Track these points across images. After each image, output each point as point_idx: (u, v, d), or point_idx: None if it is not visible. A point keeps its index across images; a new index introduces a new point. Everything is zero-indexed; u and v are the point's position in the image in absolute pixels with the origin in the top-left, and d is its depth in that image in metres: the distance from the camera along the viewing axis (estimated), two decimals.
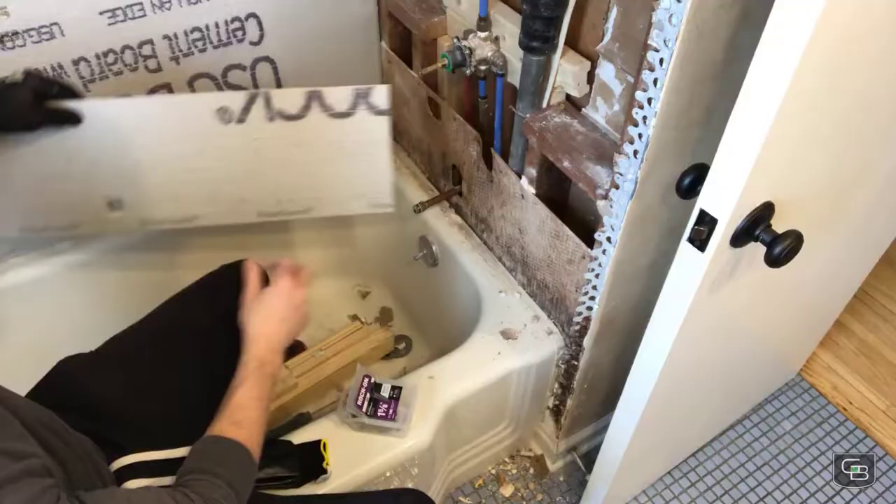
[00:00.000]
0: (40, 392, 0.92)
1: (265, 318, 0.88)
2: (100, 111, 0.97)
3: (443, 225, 1.44)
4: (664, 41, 0.73)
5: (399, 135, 1.60)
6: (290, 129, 0.90)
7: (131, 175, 1.03)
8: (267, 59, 1.35)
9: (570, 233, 1.08)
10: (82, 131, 0.98)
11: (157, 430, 0.92)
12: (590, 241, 1.03)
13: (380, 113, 0.87)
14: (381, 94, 0.87)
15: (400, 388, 1.13)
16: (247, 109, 0.89)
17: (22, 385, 0.85)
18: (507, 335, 1.25)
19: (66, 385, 0.94)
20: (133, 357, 1.00)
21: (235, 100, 0.88)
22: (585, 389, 1.30)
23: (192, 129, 0.93)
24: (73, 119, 1.00)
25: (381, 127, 0.89)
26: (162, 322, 1.06)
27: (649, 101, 0.79)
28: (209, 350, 1.01)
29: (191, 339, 1.03)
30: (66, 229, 1.11)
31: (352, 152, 0.94)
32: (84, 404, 0.91)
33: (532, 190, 1.14)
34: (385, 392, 1.12)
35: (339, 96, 0.86)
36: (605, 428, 1.19)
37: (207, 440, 0.79)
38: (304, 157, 0.96)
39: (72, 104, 0.94)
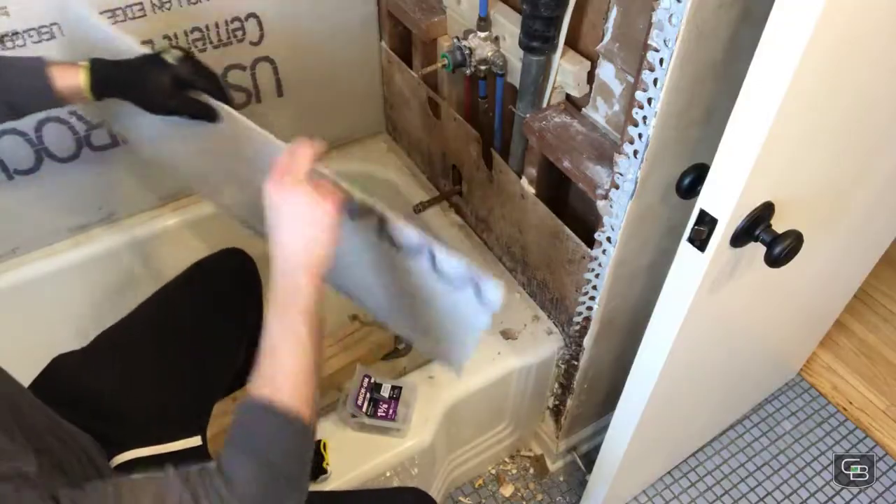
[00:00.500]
0: (35, 391, 0.92)
1: (281, 228, 0.68)
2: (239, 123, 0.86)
3: (443, 225, 1.44)
4: (664, 41, 0.73)
5: (399, 135, 1.60)
6: (394, 254, 0.78)
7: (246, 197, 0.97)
8: (267, 59, 1.35)
9: (570, 233, 1.08)
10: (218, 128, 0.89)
11: (154, 424, 0.91)
12: (590, 241, 1.03)
13: (485, 305, 0.74)
14: (493, 291, 0.72)
15: (400, 388, 1.13)
16: (361, 214, 0.78)
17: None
18: (507, 335, 1.25)
19: (61, 382, 0.94)
20: (126, 349, 0.99)
21: (279, 147, 0.77)
22: (585, 389, 1.30)
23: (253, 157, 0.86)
24: (210, 116, 0.87)
25: (483, 321, 0.76)
26: (154, 311, 1.04)
27: (649, 101, 0.79)
28: (203, 338, 1.00)
29: (184, 327, 1.02)
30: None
31: (446, 319, 0.82)
32: (79, 400, 0.90)
33: (532, 190, 1.14)
34: (385, 392, 1.12)
35: (451, 266, 0.73)
36: (605, 428, 1.19)
37: (238, 408, 0.64)
38: (398, 283, 0.84)
39: (213, 102, 0.83)
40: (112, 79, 0.88)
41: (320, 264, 0.68)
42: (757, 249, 0.77)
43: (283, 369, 0.63)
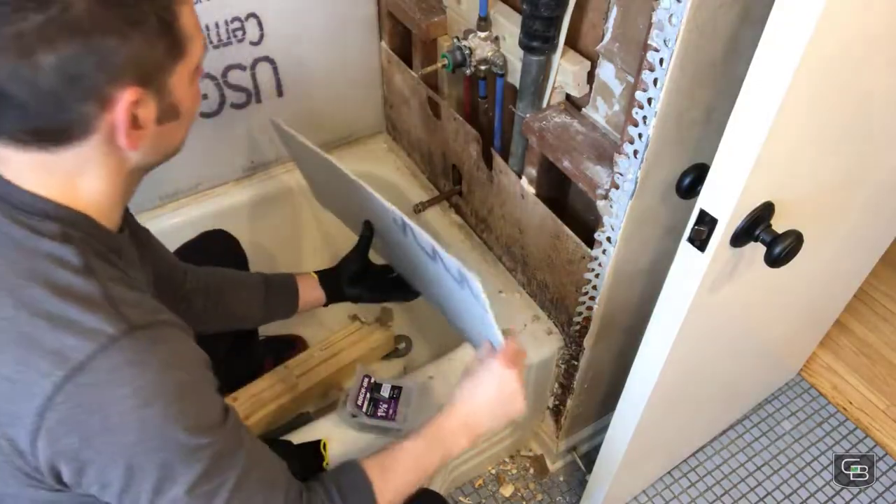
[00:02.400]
0: None
1: (471, 394, 0.83)
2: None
3: (443, 225, 1.44)
4: (664, 41, 0.73)
5: (399, 135, 1.61)
6: (432, 263, 0.93)
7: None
8: (267, 59, 1.35)
9: (570, 233, 1.08)
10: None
11: None
12: (590, 241, 1.03)
13: (476, 297, 0.84)
14: (475, 287, 0.82)
15: (400, 388, 1.13)
16: (405, 232, 0.95)
17: None
18: (506, 335, 1.24)
19: None
20: None
21: (398, 218, 0.93)
22: (585, 389, 1.30)
23: (389, 225, 1.02)
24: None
25: (487, 319, 0.86)
26: None
27: (649, 101, 0.79)
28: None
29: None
30: None
31: (475, 320, 0.94)
32: None
33: (532, 190, 1.14)
34: (385, 392, 1.12)
35: (452, 266, 0.85)
36: (605, 428, 1.19)
37: (348, 466, 0.77)
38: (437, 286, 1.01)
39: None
40: (336, 292, 1.13)
41: (482, 435, 0.83)
42: (757, 249, 0.77)
43: (397, 476, 0.77)
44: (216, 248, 1.10)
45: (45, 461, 0.58)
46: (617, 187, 0.91)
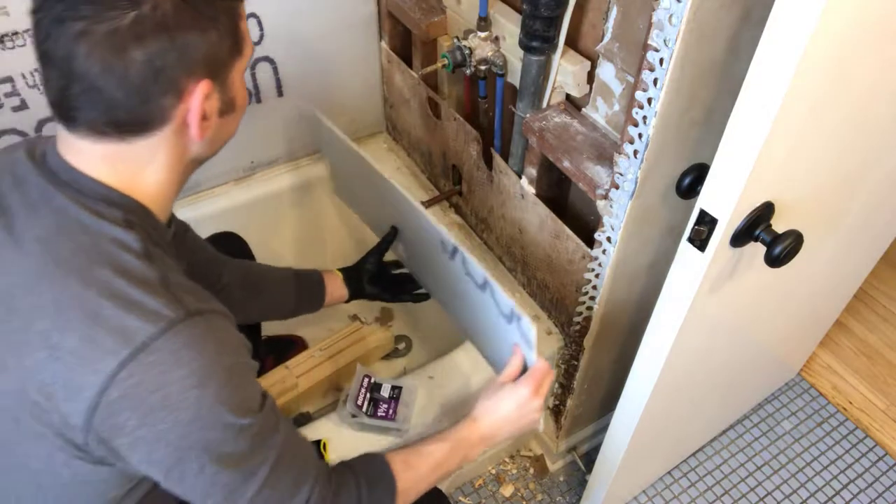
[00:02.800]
0: None
1: (494, 409, 0.89)
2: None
3: (443, 225, 1.44)
4: (664, 41, 0.73)
5: (399, 134, 1.61)
6: (479, 293, 1.01)
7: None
8: (267, 59, 1.35)
9: (570, 233, 1.08)
10: None
11: None
12: (590, 241, 1.03)
13: (527, 343, 0.91)
14: (527, 329, 0.89)
15: (400, 388, 1.13)
16: (452, 256, 1.04)
17: None
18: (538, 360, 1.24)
19: None
20: None
21: (448, 242, 1.03)
22: (585, 389, 1.30)
23: (432, 246, 1.10)
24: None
25: (530, 357, 0.92)
26: None
27: (649, 101, 0.79)
28: None
29: None
30: None
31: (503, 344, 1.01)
32: None
33: (532, 190, 1.14)
34: (385, 392, 1.12)
35: (504, 302, 0.93)
36: (605, 428, 1.19)
37: (374, 457, 0.80)
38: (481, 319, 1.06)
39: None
40: (358, 289, 1.21)
41: (503, 440, 0.90)
42: (757, 249, 0.77)
43: (418, 475, 0.81)
44: (226, 250, 1.11)
45: (97, 435, 0.60)
46: (617, 187, 0.91)
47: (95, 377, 0.58)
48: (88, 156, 0.63)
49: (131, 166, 0.64)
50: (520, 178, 1.16)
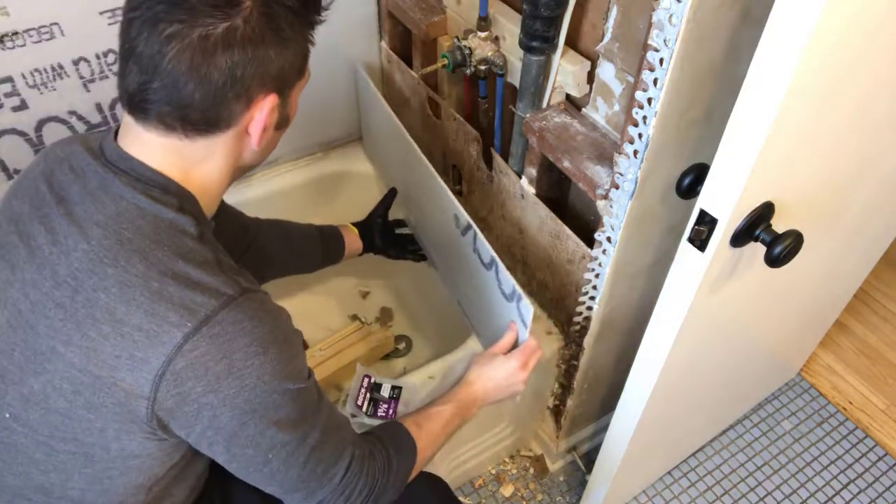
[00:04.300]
0: None
1: (487, 377, 0.98)
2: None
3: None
4: (664, 41, 0.73)
5: None
6: (483, 271, 1.08)
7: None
8: None
9: (570, 233, 1.08)
10: None
11: None
12: (590, 241, 1.03)
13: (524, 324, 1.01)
14: (527, 309, 0.98)
15: (400, 388, 1.13)
16: (464, 232, 1.10)
17: None
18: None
19: None
20: None
21: (462, 217, 1.08)
22: (585, 389, 1.30)
23: (444, 218, 1.17)
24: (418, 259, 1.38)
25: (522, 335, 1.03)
26: None
27: (649, 100, 0.79)
28: None
29: None
30: None
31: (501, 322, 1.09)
32: None
33: (532, 190, 1.14)
34: (385, 392, 1.12)
35: (507, 281, 1.01)
36: (605, 428, 1.19)
37: (392, 423, 0.87)
38: (481, 293, 1.14)
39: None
40: (370, 243, 1.31)
41: (491, 403, 1.00)
42: (757, 249, 0.77)
43: (430, 434, 0.89)
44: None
45: (162, 405, 0.64)
46: (617, 187, 0.91)
47: (162, 349, 0.62)
48: (151, 147, 0.67)
49: (189, 162, 0.69)
50: (520, 178, 1.16)
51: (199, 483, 0.83)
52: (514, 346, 1.03)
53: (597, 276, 1.05)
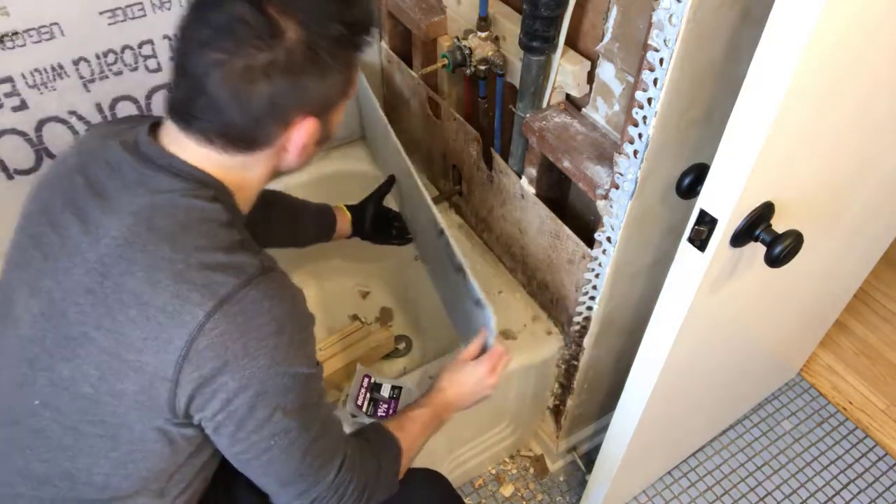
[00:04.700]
0: None
1: (458, 383, 0.99)
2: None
3: (443, 225, 1.44)
4: (664, 41, 0.73)
5: (399, 135, 1.60)
6: (455, 275, 1.11)
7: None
8: None
9: (570, 233, 1.08)
10: None
11: None
12: (590, 241, 1.03)
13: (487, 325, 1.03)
14: (489, 317, 1.01)
15: (400, 388, 1.13)
16: (439, 235, 1.13)
17: None
18: (506, 335, 1.25)
19: None
20: None
21: (438, 221, 1.11)
22: (585, 389, 1.30)
23: (425, 221, 1.20)
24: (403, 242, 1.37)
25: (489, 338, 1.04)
26: None
27: (649, 100, 0.79)
28: None
29: None
30: None
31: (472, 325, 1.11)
32: None
33: (532, 190, 1.14)
34: (385, 392, 1.12)
35: (473, 289, 1.03)
36: (605, 428, 1.19)
37: (376, 426, 0.89)
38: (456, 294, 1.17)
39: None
40: (359, 228, 1.30)
41: (462, 409, 0.99)
42: (757, 249, 0.77)
43: (411, 436, 0.89)
44: None
45: (184, 388, 0.66)
46: (617, 187, 0.91)
47: (185, 328, 0.64)
48: (191, 152, 0.70)
49: (226, 168, 0.72)
50: (520, 178, 1.16)
51: (210, 475, 0.84)
52: (483, 352, 1.04)
53: (597, 276, 1.05)
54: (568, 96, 1.05)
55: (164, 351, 0.65)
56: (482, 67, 1.11)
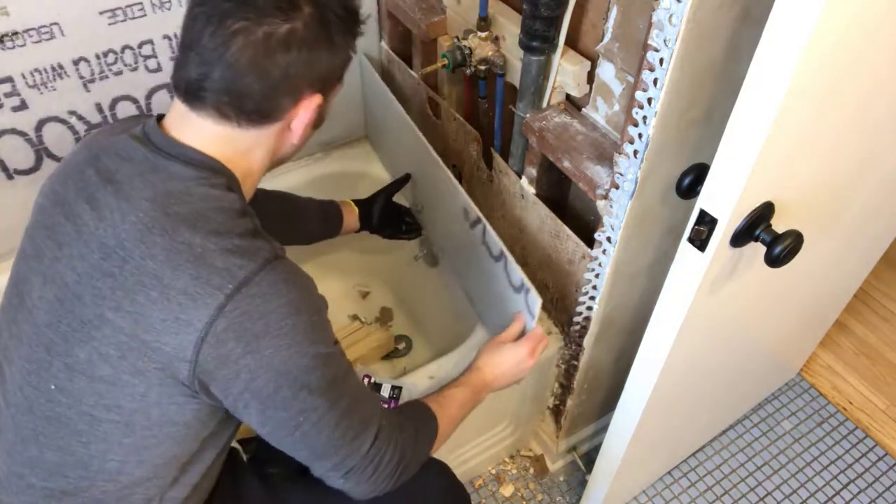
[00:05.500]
0: None
1: (496, 364, 1.01)
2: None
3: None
4: (664, 41, 0.73)
5: None
6: (492, 263, 1.13)
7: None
8: None
9: (570, 233, 1.08)
10: None
11: None
12: (590, 241, 1.03)
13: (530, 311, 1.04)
14: (533, 301, 1.01)
15: (400, 388, 1.13)
16: (472, 225, 1.15)
17: None
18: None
19: None
20: None
21: (471, 211, 1.14)
22: (585, 389, 1.30)
23: (454, 211, 1.21)
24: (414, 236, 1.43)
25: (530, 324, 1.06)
26: None
27: (649, 100, 0.79)
28: None
29: None
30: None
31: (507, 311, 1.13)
32: None
33: (532, 190, 1.14)
34: (385, 392, 1.12)
35: (515, 274, 1.05)
36: (605, 428, 1.19)
37: (416, 402, 0.91)
38: (488, 282, 1.19)
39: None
40: (367, 223, 1.33)
41: (499, 388, 1.02)
42: (757, 249, 0.77)
43: (448, 413, 0.92)
44: None
45: (203, 367, 0.67)
46: (617, 187, 0.91)
47: (205, 311, 0.66)
48: (203, 134, 0.72)
49: (236, 149, 0.74)
50: (520, 178, 1.16)
51: (216, 474, 0.85)
52: (521, 334, 1.06)
53: (597, 276, 1.05)
54: (568, 96, 1.05)
55: (183, 332, 0.66)
56: (482, 67, 1.11)
